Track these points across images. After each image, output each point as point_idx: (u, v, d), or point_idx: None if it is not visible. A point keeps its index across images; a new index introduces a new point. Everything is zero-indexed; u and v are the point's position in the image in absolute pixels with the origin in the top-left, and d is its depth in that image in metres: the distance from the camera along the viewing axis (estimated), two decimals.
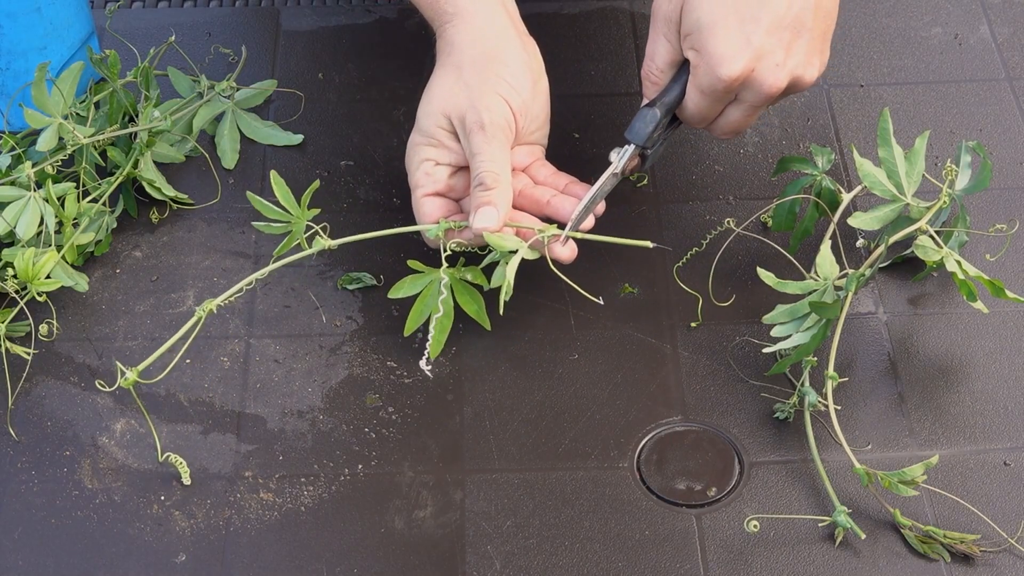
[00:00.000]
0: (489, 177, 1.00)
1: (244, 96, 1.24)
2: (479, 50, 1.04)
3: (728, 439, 1.01)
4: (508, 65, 1.03)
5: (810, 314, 1.00)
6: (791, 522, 0.96)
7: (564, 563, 0.94)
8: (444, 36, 1.06)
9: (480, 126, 1.01)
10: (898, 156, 1.04)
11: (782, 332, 1.01)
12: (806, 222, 1.09)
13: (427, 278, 1.03)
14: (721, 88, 1.00)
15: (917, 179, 1.05)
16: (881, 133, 1.04)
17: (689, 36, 1.00)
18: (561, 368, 1.06)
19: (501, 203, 1.00)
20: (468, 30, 1.05)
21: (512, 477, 0.99)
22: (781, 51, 0.99)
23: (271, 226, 1.04)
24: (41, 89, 1.07)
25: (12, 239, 1.07)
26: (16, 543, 0.96)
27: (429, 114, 1.04)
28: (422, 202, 1.04)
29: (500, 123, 1.02)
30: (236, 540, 0.96)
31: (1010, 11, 1.33)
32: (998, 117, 1.24)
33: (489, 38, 1.04)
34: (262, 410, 1.03)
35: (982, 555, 0.93)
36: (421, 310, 1.03)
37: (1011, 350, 1.06)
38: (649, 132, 1.04)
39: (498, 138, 1.01)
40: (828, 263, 1.01)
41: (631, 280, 1.11)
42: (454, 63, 1.04)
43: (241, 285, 0.99)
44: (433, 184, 1.04)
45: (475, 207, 1.00)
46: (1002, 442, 1.01)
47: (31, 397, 1.04)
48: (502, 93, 1.02)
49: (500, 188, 1.00)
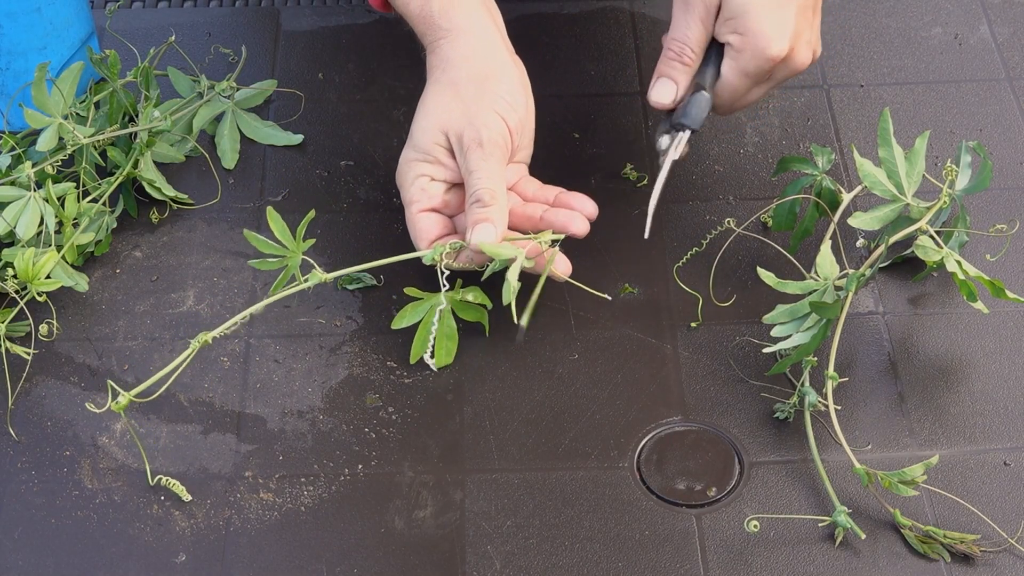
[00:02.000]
0: (486, 194, 1.00)
1: (244, 96, 1.24)
2: (475, 67, 1.04)
3: (728, 439, 1.01)
4: (503, 83, 1.04)
5: (810, 314, 1.00)
6: (791, 522, 0.96)
7: (564, 563, 0.94)
8: (438, 52, 1.06)
9: (478, 143, 1.01)
10: (898, 156, 1.05)
11: (782, 332, 1.01)
12: (806, 222, 1.09)
13: (427, 304, 1.04)
14: (767, 67, 1.04)
15: (917, 179, 1.05)
16: (881, 133, 1.05)
17: (732, 20, 1.03)
18: (561, 368, 1.06)
19: (498, 219, 1.01)
20: (463, 47, 1.05)
21: (512, 477, 0.99)
22: (808, 30, 1.06)
23: (267, 262, 1.04)
24: (41, 89, 1.07)
25: (12, 239, 1.07)
26: (16, 543, 0.96)
27: (425, 130, 1.04)
28: (418, 218, 1.04)
29: (497, 140, 1.02)
30: (236, 540, 0.96)
31: (1010, 11, 1.34)
32: (998, 117, 1.24)
33: (484, 56, 1.05)
34: (262, 410, 1.03)
35: (982, 555, 0.93)
36: (424, 336, 1.04)
37: (1011, 350, 1.06)
38: (704, 116, 1.07)
39: (495, 155, 1.02)
40: (828, 263, 1.01)
41: (631, 280, 1.11)
42: (450, 80, 1.04)
43: (236, 320, 0.98)
44: (429, 200, 1.04)
45: (472, 223, 1.01)
46: (1002, 442, 1.01)
47: (31, 397, 1.04)
48: (499, 111, 1.03)
49: (497, 205, 1.01)
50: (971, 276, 1.00)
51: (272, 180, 1.19)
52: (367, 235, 1.14)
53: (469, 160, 1.02)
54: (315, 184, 1.19)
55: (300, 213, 1.16)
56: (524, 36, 1.30)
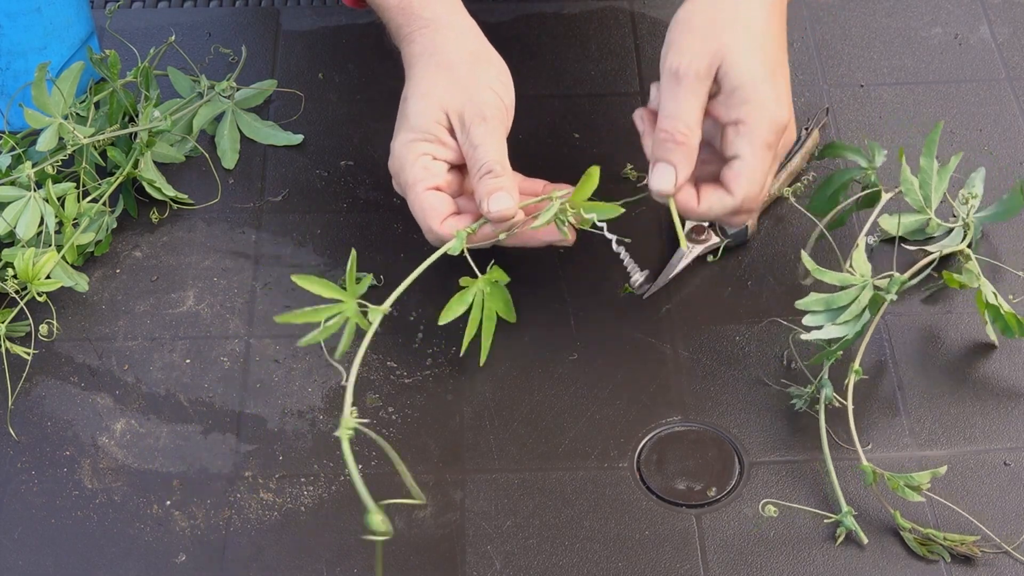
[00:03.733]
0: (497, 165, 1.00)
1: (244, 96, 1.24)
2: (466, 50, 1.04)
3: (728, 439, 1.01)
4: (495, 65, 1.04)
5: (847, 307, 0.99)
6: (791, 522, 0.96)
7: (564, 563, 0.94)
8: (420, 40, 1.05)
9: (482, 118, 1.01)
10: (934, 169, 1.06)
11: (814, 321, 0.99)
12: (844, 213, 1.08)
13: (470, 293, 1.01)
14: (778, 137, 0.99)
15: (941, 195, 1.06)
16: (928, 143, 1.05)
17: (738, 90, 0.98)
18: (561, 368, 1.06)
19: (511, 188, 1.00)
20: (449, 34, 1.05)
21: (512, 477, 0.99)
22: (789, 97, 1.02)
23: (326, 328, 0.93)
24: (41, 89, 1.07)
25: (12, 239, 1.07)
26: (16, 543, 0.96)
27: (424, 111, 1.03)
28: (425, 196, 1.01)
29: (499, 116, 1.02)
30: (236, 540, 0.96)
31: (1010, 11, 1.34)
32: (998, 117, 1.24)
33: (470, 41, 1.05)
34: (262, 410, 1.03)
35: (982, 556, 0.93)
36: (474, 325, 1.01)
37: (1011, 350, 1.06)
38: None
39: (499, 131, 1.02)
40: (863, 260, 1.01)
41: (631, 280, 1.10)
42: (441, 63, 1.04)
43: None
44: (433, 178, 1.02)
45: (487, 194, 0.99)
46: (1002, 442, 1.01)
47: (31, 397, 1.04)
48: (495, 88, 1.03)
49: (507, 175, 1.00)
50: (1004, 312, 1.01)
51: (272, 180, 1.19)
52: (367, 235, 1.14)
53: (473, 135, 1.01)
54: (315, 184, 1.19)
55: (300, 213, 1.16)
56: (524, 36, 1.31)
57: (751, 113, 0.98)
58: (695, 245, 1.09)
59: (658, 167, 0.99)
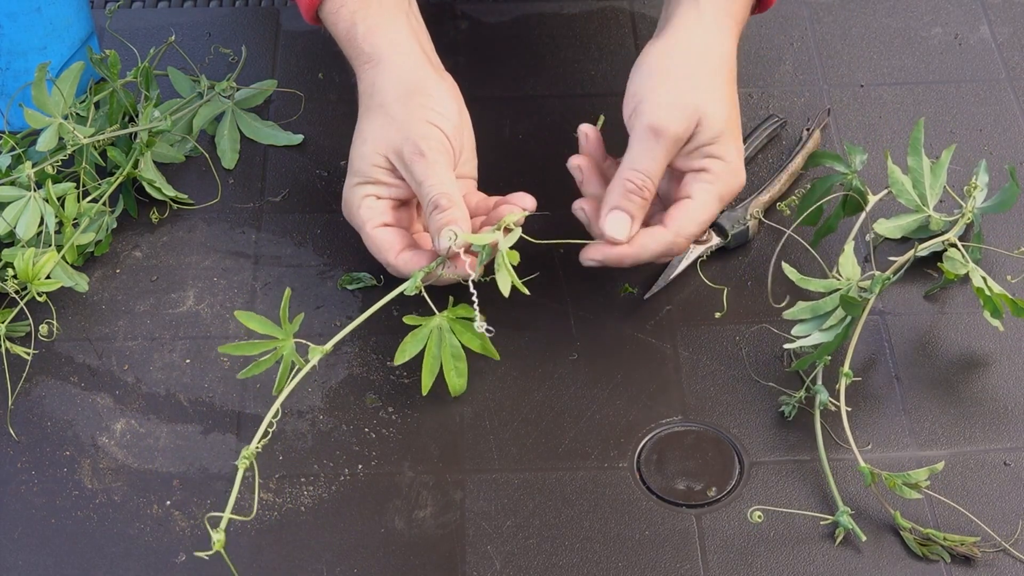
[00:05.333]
0: (443, 199, 1.00)
1: (244, 96, 1.24)
2: (402, 88, 1.04)
3: (728, 439, 1.01)
4: (431, 95, 1.04)
5: (831, 312, 0.99)
6: (791, 523, 0.96)
7: (564, 563, 0.94)
8: (364, 79, 1.06)
9: (419, 153, 1.01)
10: (925, 167, 1.06)
11: (802, 330, 1.00)
12: (831, 220, 1.09)
13: (425, 331, 1.01)
14: (733, 195, 1.04)
15: (939, 191, 1.06)
16: (913, 142, 1.05)
17: (711, 146, 1.02)
18: (561, 368, 1.06)
19: (461, 219, 1.00)
20: (386, 72, 1.05)
21: (512, 477, 0.99)
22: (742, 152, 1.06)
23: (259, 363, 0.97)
24: (41, 89, 1.07)
25: (12, 239, 1.07)
26: (16, 543, 0.96)
27: (364, 156, 1.04)
28: (374, 234, 1.03)
29: (438, 147, 1.02)
30: (236, 540, 0.96)
31: (1010, 11, 1.34)
32: (998, 117, 1.24)
33: (407, 76, 1.05)
34: (262, 410, 1.03)
35: (982, 556, 0.93)
36: (431, 364, 1.01)
37: (1011, 350, 1.06)
38: None
39: (440, 162, 1.02)
40: (851, 264, 1.01)
41: (631, 280, 1.10)
42: (378, 104, 1.04)
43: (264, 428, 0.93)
44: (379, 216, 1.04)
45: (436, 230, 0.99)
46: (1002, 442, 1.01)
47: (31, 397, 1.04)
48: (432, 120, 1.03)
49: (456, 207, 1.00)
50: (995, 293, 1.00)
51: (272, 180, 1.19)
52: None
53: (415, 172, 1.01)
54: (315, 184, 1.19)
55: (300, 213, 1.16)
56: (524, 36, 1.31)
57: (717, 167, 1.02)
58: (695, 246, 1.10)
59: (615, 214, 1.02)
